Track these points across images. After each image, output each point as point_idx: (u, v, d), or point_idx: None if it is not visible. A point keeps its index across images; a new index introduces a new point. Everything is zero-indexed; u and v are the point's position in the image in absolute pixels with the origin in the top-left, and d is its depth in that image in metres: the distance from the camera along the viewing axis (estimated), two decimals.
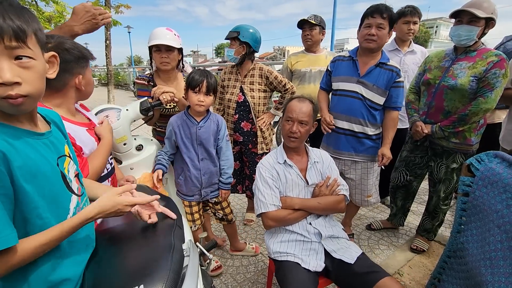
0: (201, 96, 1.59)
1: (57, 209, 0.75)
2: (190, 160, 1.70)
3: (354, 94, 1.88)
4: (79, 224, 0.75)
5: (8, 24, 0.60)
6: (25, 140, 0.70)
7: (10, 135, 0.66)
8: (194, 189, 1.77)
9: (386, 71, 1.82)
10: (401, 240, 2.35)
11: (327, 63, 2.45)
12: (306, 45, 2.55)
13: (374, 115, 1.88)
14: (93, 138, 1.17)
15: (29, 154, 0.69)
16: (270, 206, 1.41)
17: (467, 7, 1.70)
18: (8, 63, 0.61)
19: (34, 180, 0.68)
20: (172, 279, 0.73)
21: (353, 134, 1.93)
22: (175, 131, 1.68)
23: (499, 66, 1.67)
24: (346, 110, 1.92)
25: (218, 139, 1.73)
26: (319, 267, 1.34)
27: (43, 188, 0.70)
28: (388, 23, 1.73)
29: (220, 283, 1.89)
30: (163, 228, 0.95)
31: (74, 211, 0.80)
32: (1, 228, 0.60)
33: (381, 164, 1.92)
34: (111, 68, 8.28)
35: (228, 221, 1.96)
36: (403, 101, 1.89)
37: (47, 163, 0.73)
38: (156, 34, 1.78)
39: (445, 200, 2.03)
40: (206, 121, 1.70)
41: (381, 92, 1.84)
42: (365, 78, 1.85)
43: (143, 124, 2.00)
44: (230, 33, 2.08)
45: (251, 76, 2.17)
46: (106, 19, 1.40)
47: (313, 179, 1.50)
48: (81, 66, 1.09)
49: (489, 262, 1.15)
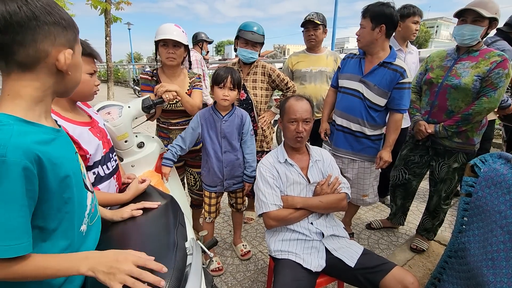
0: (226, 91, 1.67)
1: (80, 206, 0.76)
2: (214, 152, 1.79)
3: (355, 93, 1.88)
4: (67, 271, 0.66)
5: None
6: (52, 138, 0.70)
7: (42, 135, 0.66)
8: (216, 180, 1.85)
9: (390, 71, 1.77)
10: (401, 239, 2.35)
11: (327, 63, 2.46)
12: (310, 45, 2.49)
13: (374, 116, 1.86)
14: (97, 138, 1.15)
15: (57, 148, 0.69)
16: (271, 205, 1.41)
17: (472, 6, 1.69)
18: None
19: (63, 174, 0.68)
20: (176, 277, 0.73)
21: (351, 132, 1.93)
22: (201, 123, 1.76)
23: (502, 66, 1.67)
24: (346, 108, 1.93)
25: (243, 133, 1.82)
26: (319, 267, 1.34)
27: (70, 185, 0.71)
28: (370, 20, 1.72)
29: (220, 281, 1.88)
30: (166, 226, 0.94)
31: (90, 208, 0.80)
32: (19, 235, 0.59)
33: (378, 167, 1.92)
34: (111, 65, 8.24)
35: (237, 210, 2.05)
36: (408, 103, 1.83)
37: (71, 160, 0.74)
38: (164, 29, 1.78)
39: (446, 200, 2.03)
40: (230, 116, 1.77)
41: (381, 93, 1.80)
42: (368, 78, 1.84)
43: (145, 122, 1.99)
44: (259, 37, 2.08)
45: (253, 74, 2.16)
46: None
47: (314, 177, 1.50)
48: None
49: (491, 263, 1.15)
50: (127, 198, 1.15)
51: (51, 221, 0.68)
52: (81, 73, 0.77)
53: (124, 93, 12.82)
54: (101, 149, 1.16)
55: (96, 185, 1.17)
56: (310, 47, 2.51)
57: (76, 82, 0.76)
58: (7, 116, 0.62)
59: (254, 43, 2.08)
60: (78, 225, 0.76)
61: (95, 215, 0.86)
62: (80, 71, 0.76)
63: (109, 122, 1.47)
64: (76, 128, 1.07)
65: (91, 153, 1.10)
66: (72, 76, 0.73)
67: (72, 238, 0.74)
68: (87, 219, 0.79)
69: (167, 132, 2.01)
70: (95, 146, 1.12)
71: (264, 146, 2.27)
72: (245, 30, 2.08)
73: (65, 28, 0.68)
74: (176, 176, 1.96)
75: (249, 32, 2.07)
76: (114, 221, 1.03)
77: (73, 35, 0.71)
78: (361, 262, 1.31)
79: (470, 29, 1.71)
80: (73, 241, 0.74)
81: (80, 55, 0.76)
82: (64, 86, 0.74)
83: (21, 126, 0.62)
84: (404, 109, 1.83)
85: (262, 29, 2.13)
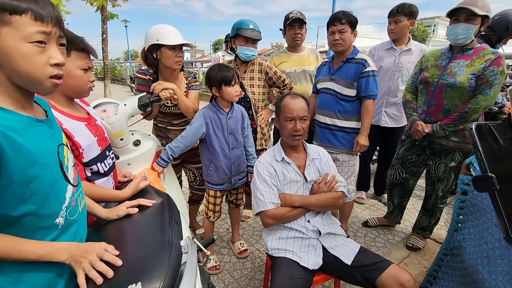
0: (237, 87, 1.71)
1: (54, 197, 0.74)
2: (221, 150, 1.79)
3: (328, 91, 2.05)
4: (42, 256, 0.72)
5: (58, 15, 0.69)
6: (28, 126, 0.70)
7: (13, 119, 0.67)
8: (224, 177, 1.86)
9: (353, 64, 1.96)
10: (397, 237, 2.36)
11: (309, 61, 2.49)
12: (294, 44, 2.44)
13: (345, 106, 2.00)
14: (92, 134, 1.15)
15: (32, 140, 0.69)
16: (268, 204, 1.41)
17: (464, 5, 1.69)
18: (58, 48, 0.71)
19: (30, 164, 0.67)
20: (170, 276, 0.72)
21: (327, 126, 2.07)
22: (206, 122, 1.75)
23: (496, 63, 1.68)
24: (322, 105, 2.10)
25: (244, 128, 1.85)
26: (316, 265, 1.35)
27: (39, 175, 0.69)
28: (349, 26, 1.91)
29: (217, 279, 1.88)
30: (161, 225, 0.94)
31: (69, 201, 0.79)
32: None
33: (356, 151, 2.01)
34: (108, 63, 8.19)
35: (236, 206, 2.08)
36: (375, 89, 1.93)
37: (47, 151, 0.73)
38: (168, 32, 1.70)
39: (443, 199, 2.04)
40: (233, 112, 1.79)
41: (349, 84, 1.96)
42: (335, 75, 2.02)
43: (141, 120, 1.98)
44: (258, 34, 2.10)
45: (251, 72, 2.15)
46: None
47: (311, 175, 1.50)
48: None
49: (486, 261, 1.15)
50: (125, 196, 1.15)
51: (12, 209, 0.67)
52: (27, 61, 0.66)
53: (121, 91, 12.75)
54: (96, 146, 1.16)
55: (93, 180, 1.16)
56: (294, 46, 2.47)
57: (18, 72, 0.66)
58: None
59: (254, 40, 2.08)
60: (51, 216, 0.75)
61: (76, 210, 0.84)
62: (20, 59, 0.65)
63: (105, 119, 1.46)
64: (71, 121, 1.07)
65: (83, 147, 1.09)
66: (7, 66, 0.65)
67: (40, 229, 0.73)
68: (64, 212, 0.77)
69: (166, 132, 1.99)
70: (89, 142, 1.11)
71: (263, 144, 2.27)
72: (243, 28, 2.07)
73: None
74: (173, 174, 1.95)
75: (248, 29, 2.07)
76: (110, 220, 1.02)
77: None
78: (358, 260, 1.32)
79: (464, 28, 1.71)
80: (41, 233, 0.73)
81: (14, 39, 0.64)
82: (14, 78, 0.67)
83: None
84: (372, 95, 1.93)
85: (257, 26, 2.14)
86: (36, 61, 0.67)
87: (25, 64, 0.65)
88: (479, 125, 0.86)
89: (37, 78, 0.68)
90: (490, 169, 0.79)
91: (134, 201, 1.07)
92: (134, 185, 1.20)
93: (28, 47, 0.65)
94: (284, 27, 2.43)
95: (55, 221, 0.75)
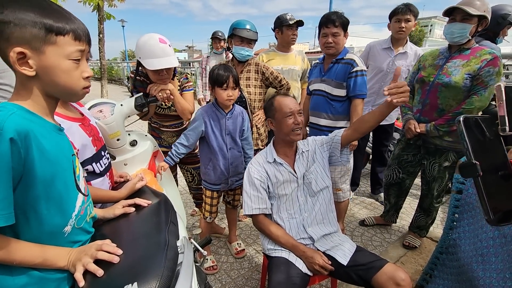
0: (230, 91, 1.66)
1: (65, 204, 0.77)
2: (220, 149, 1.79)
3: (320, 92, 2.08)
4: (43, 263, 0.72)
5: (88, 33, 0.78)
6: (51, 132, 0.75)
7: (40, 124, 0.72)
8: (221, 177, 1.85)
9: (342, 64, 1.97)
10: (393, 236, 2.37)
11: (296, 61, 2.54)
12: (291, 44, 2.50)
13: (336, 107, 2.02)
14: (86, 134, 1.14)
15: (54, 146, 0.73)
16: (254, 209, 1.43)
17: (460, 5, 1.71)
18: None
19: (51, 168, 0.71)
20: (166, 276, 0.72)
21: (319, 128, 2.10)
22: (205, 121, 1.75)
23: (492, 64, 1.68)
24: (314, 107, 2.13)
25: (244, 130, 1.85)
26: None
27: (57, 180, 0.73)
28: (342, 28, 1.91)
29: (214, 279, 1.89)
30: (157, 225, 0.94)
31: (79, 209, 0.81)
32: (5, 205, 0.63)
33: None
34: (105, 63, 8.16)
35: (233, 206, 2.08)
36: (364, 89, 1.94)
37: (65, 157, 0.77)
38: (153, 51, 1.55)
39: (438, 198, 2.06)
40: (232, 113, 1.79)
41: (338, 85, 1.97)
42: (326, 76, 2.04)
43: (138, 120, 1.97)
44: (253, 34, 2.10)
45: (247, 72, 2.15)
46: None
47: (300, 169, 1.49)
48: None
49: (481, 259, 1.17)
50: (121, 196, 1.15)
51: (30, 210, 0.69)
52: (67, 75, 0.74)
53: (118, 91, 12.70)
54: (91, 146, 1.15)
55: (89, 180, 1.16)
56: (288, 46, 2.53)
57: (58, 84, 0.74)
58: (13, 105, 0.70)
59: (249, 41, 2.09)
60: (61, 225, 0.76)
61: (84, 218, 0.85)
62: (61, 73, 0.73)
63: (101, 120, 1.46)
64: (65, 122, 1.06)
65: (78, 147, 1.08)
66: (46, 79, 0.72)
67: (49, 235, 0.75)
68: (73, 220, 0.79)
69: (159, 133, 2.00)
70: (83, 142, 1.11)
71: (259, 144, 2.27)
72: (239, 28, 2.08)
73: (17, 25, 0.64)
74: (170, 174, 1.95)
75: (244, 29, 2.07)
76: (106, 219, 1.02)
77: (36, 33, 0.67)
78: (354, 259, 1.32)
79: (459, 27, 1.73)
80: (48, 239, 0.75)
81: (57, 56, 0.71)
82: (50, 89, 0.75)
83: (24, 113, 0.69)
84: (360, 94, 1.93)
85: (255, 27, 2.15)
86: (74, 75, 0.76)
87: (65, 78, 0.74)
88: (466, 118, 0.92)
89: (74, 90, 0.77)
90: (475, 157, 0.84)
91: (130, 200, 1.07)
92: (131, 185, 1.20)
93: (68, 63, 0.73)
94: (280, 27, 2.44)
95: (63, 229, 0.77)
